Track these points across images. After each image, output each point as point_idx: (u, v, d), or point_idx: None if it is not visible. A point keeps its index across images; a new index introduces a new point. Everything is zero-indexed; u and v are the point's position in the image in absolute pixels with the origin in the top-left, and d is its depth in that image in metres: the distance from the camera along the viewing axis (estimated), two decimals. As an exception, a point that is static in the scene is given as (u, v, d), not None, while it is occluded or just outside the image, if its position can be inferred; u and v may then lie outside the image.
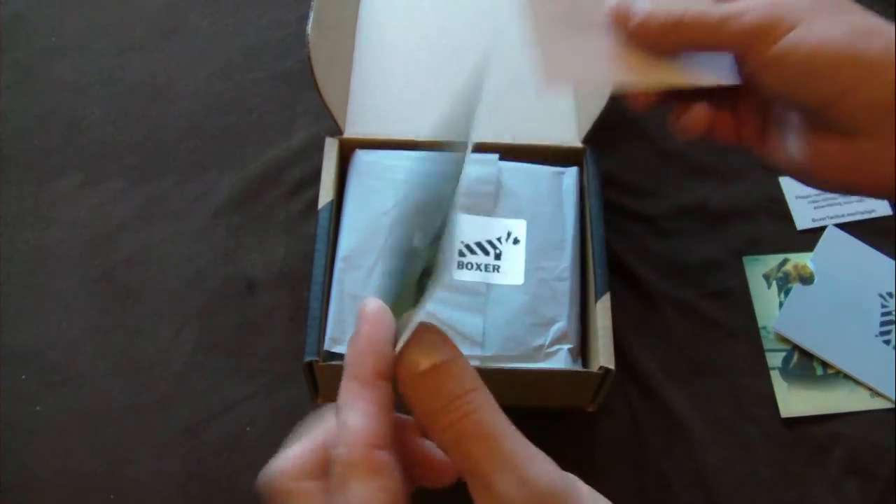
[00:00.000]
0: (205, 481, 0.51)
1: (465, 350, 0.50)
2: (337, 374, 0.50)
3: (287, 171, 0.63)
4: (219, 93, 0.68)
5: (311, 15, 0.54)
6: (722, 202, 0.63)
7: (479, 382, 0.26)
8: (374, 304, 0.27)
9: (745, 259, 0.60)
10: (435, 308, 0.51)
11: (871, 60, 0.33)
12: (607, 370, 0.48)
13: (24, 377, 0.55)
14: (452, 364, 0.26)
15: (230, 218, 0.62)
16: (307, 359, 0.49)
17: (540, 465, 0.24)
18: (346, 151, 0.58)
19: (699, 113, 0.40)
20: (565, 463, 0.52)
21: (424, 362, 0.26)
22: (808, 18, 0.34)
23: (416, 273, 0.28)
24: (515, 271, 0.53)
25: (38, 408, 0.53)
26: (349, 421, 0.26)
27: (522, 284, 0.53)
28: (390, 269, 0.31)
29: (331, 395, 0.53)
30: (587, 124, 0.58)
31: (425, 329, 0.27)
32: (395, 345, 0.27)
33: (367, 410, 0.26)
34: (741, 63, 0.38)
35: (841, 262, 0.59)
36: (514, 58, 0.66)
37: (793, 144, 0.39)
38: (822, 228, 0.61)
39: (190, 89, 0.68)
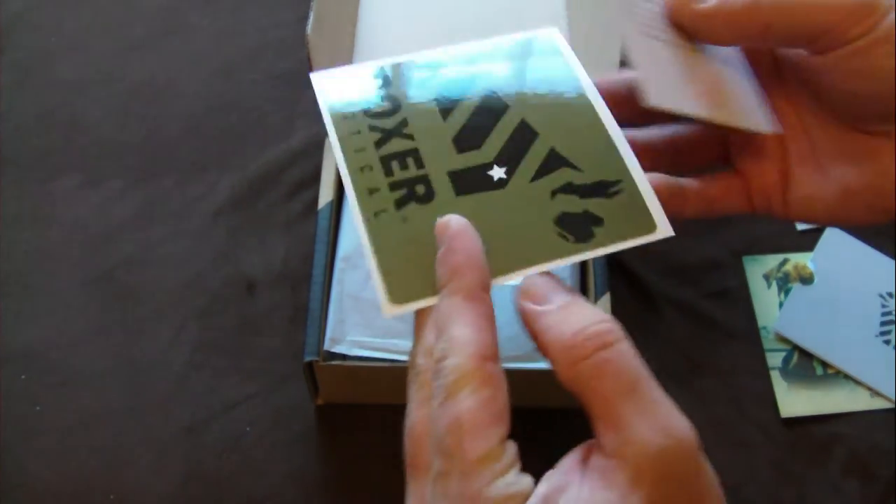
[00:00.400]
0: (205, 481, 0.51)
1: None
2: (337, 374, 0.50)
3: (287, 171, 0.63)
4: (219, 93, 0.68)
5: (311, 15, 0.54)
6: (722, 202, 0.63)
7: (616, 333, 0.25)
8: (459, 220, 0.28)
9: (745, 259, 0.60)
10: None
11: None
12: (607, 370, 0.48)
13: (23, 377, 0.55)
14: (584, 301, 0.26)
15: (230, 218, 0.62)
16: (307, 359, 0.49)
17: (679, 416, 0.24)
18: (346, 151, 0.58)
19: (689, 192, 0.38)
20: (565, 463, 0.51)
21: (561, 296, 0.26)
22: None
23: None
24: (515, 271, 0.53)
25: (38, 408, 0.53)
26: (457, 333, 0.25)
27: (522, 284, 0.53)
28: None
29: (331, 395, 0.53)
30: (587, 124, 0.58)
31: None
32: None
33: (476, 323, 0.26)
34: (820, 49, 0.34)
35: (841, 262, 0.59)
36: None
37: (841, 171, 0.36)
38: (822, 228, 0.61)
39: (190, 89, 0.68)
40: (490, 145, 0.33)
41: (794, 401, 0.54)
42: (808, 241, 0.61)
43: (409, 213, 0.31)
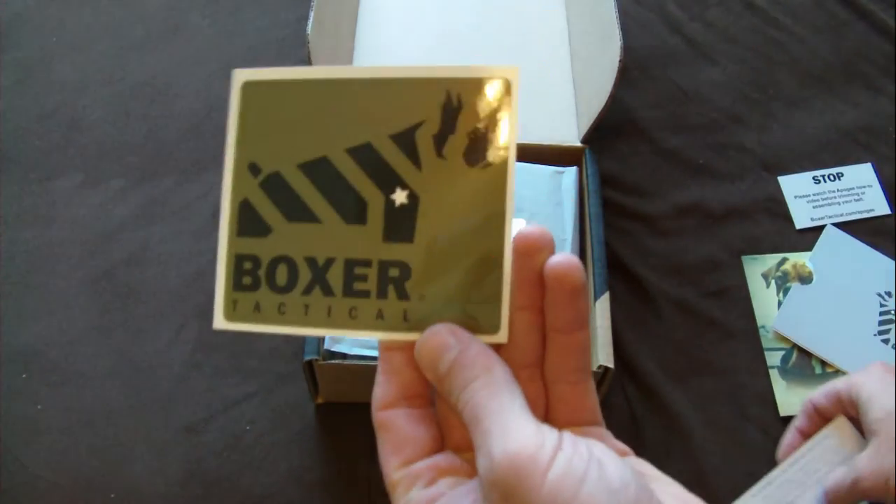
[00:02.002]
0: (205, 481, 0.51)
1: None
2: (337, 373, 0.50)
3: (287, 170, 0.64)
4: (219, 93, 0.68)
5: (311, 15, 0.54)
6: (721, 202, 0.63)
7: (477, 371, 0.26)
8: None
9: (744, 258, 0.60)
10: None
11: None
12: (606, 369, 0.48)
13: (24, 377, 0.55)
14: (454, 365, 0.26)
15: (230, 218, 0.62)
16: (307, 358, 0.49)
17: (499, 439, 0.24)
18: (346, 151, 0.58)
19: None
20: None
21: (432, 374, 0.27)
22: None
23: None
24: (515, 271, 0.53)
25: (38, 407, 0.53)
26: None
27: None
28: None
29: (331, 394, 0.53)
30: (587, 124, 0.58)
31: (433, 335, 0.27)
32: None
33: (378, 379, 0.28)
34: None
35: (840, 261, 0.59)
36: (514, 58, 0.66)
37: None
38: (821, 228, 0.61)
39: (190, 89, 0.68)
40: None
41: (793, 399, 0.54)
42: (807, 241, 0.61)
43: None
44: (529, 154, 0.58)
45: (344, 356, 0.50)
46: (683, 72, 0.71)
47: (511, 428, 0.25)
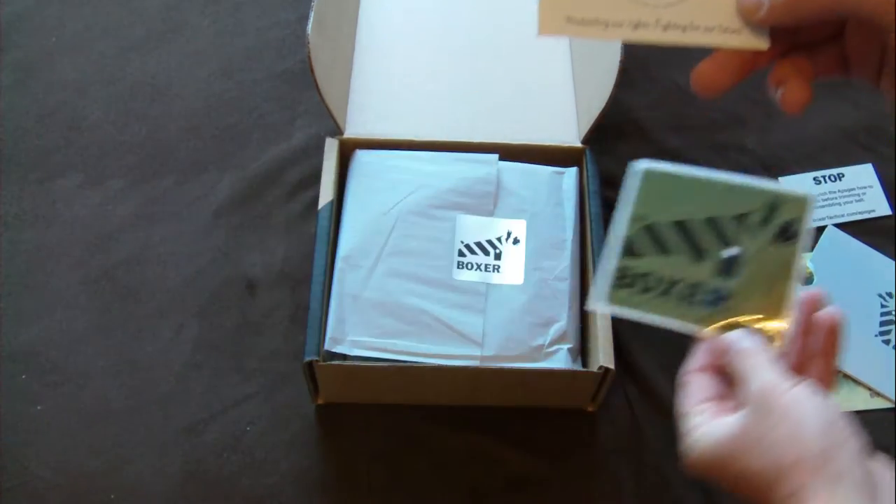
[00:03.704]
0: (205, 481, 0.51)
1: (465, 350, 0.50)
2: (337, 373, 0.50)
3: (287, 171, 0.64)
4: (219, 93, 0.68)
5: (311, 15, 0.54)
6: (721, 202, 0.63)
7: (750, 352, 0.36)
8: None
9: (745, 259, 0.60)
10: (434, 308, 0.51)
11: None
12: (607, 369, 0.48)
13: (24, 377, 0.55)
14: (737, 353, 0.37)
15: (230, 218, 0.62)
16: (307, 358, 0.49)
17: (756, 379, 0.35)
18: (346, 151, 0.58)
19: (800, 93, 0.36)
20: (565, 462, 0.52)
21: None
22: None
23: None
24: (515, 271, 0.53)
25: (38, 407, 0.53)
26: None
27: (522, 284, 0.53)
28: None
29: (331, 395, 0.53)
30: (587, 124, 0.58)
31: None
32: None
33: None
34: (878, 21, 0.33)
35: (840, 262, 0.59)
36: (514, 58, 0.66)
37: None
38: (822, 228, 0.61)
39: (190, 89, 0.68)
40: None
41: (794, 400, 0.54)
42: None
43: None
44: (530, 154, 0.58)
45: (344, 357, 0.50)
46: (683, 72, 0.71)
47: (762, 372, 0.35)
